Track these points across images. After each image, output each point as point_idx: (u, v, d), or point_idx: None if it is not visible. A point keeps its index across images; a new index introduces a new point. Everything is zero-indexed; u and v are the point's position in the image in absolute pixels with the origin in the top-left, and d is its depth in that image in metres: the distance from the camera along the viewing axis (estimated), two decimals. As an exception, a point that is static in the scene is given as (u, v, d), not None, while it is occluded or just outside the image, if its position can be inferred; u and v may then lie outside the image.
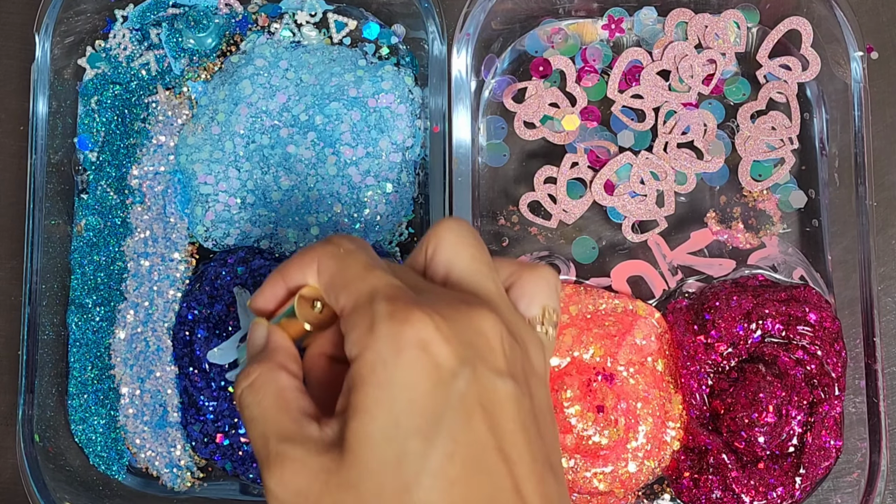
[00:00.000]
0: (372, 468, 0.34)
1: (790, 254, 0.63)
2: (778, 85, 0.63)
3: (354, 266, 0.38)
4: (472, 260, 0.39)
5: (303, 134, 0.62)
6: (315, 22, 0.65)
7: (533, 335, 0.40)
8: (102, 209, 0.63)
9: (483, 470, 0.35)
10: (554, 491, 0.37)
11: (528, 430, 0.36)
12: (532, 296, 0.41)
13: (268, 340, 0.41)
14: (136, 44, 0.65)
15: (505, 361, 0.36)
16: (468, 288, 0.39)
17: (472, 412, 0.35)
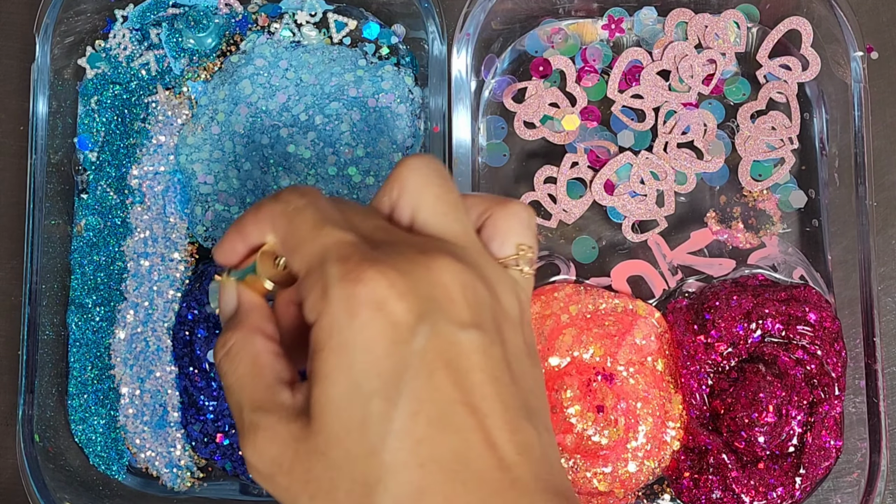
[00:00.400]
0: (337, 434, 0.34)
1: (790, 253, 0.63)
2: (778, 85, 0.63)
3: (304, 225, 0.37)
4: (437, 201, 0.38)
5: (303, 134, 0.62)
6: (315, 22, 0.65)
7: (505, 277, 0.38)
8: (102, 209, 0.63)
9: (450, 426, 0.34)
10: (533, 438, 0.36)
11: (498, 380, 0.35)
12: (505, 234, 0.39)
13: (239, 302, 0.40)
14: (136, 44, 0.65)
15: (469, 311, 0.35)
16: (433, 231, 0.38)
17: (435, 368, 0.34)
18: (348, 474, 0.34)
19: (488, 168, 0.64)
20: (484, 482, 0.34)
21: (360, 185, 0.61)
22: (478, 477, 0.34)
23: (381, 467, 0.34)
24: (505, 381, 0.35)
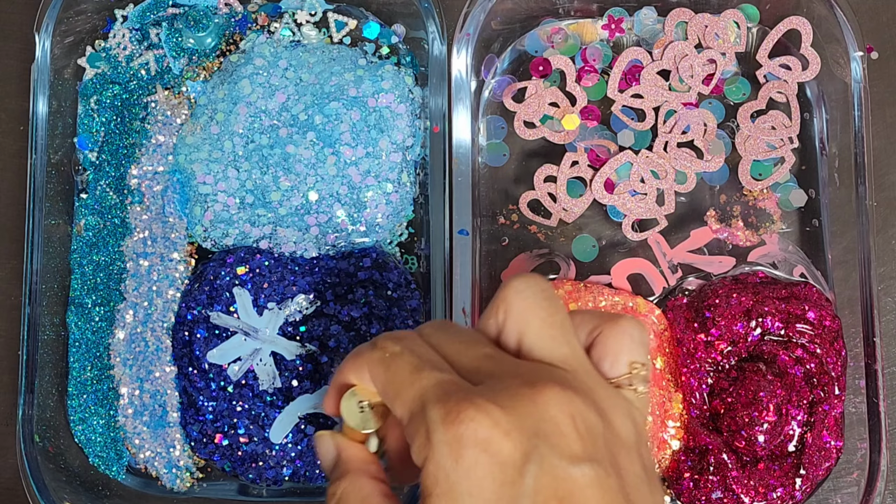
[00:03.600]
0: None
1: (790, 251, 0.63)
2: (778, 84, 0.63)
3: (402, 371, 0.37)
4: (543, 325, 0.37)
5: (302, 134, 0.62)
6: (315, 21, 0.65)
7: (618, 400, 0.37)
8: (102, 209, 0.63)
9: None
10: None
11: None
12: (616, 353, 0.38)
13: (338, 452, 0.40)
14: (136, 43, 0.65)
15: (580, 443, 0.34)
16: (541, 356, 0.37)
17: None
18: None
19: (488, 168, 0.64)
20: None
21: (360, 185, 0.61)
22: None
23: None
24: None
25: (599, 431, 0.35)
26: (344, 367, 0.40)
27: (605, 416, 0.35)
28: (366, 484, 0.39)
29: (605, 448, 0.35)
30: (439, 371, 0.36)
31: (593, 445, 0.34)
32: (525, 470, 0.33)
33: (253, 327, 0.60)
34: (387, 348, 0.38)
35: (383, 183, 0.62)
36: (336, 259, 0.62)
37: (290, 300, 0.61)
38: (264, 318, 0.60)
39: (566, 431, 0.34)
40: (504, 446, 0.33)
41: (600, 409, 0.35)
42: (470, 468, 0.33)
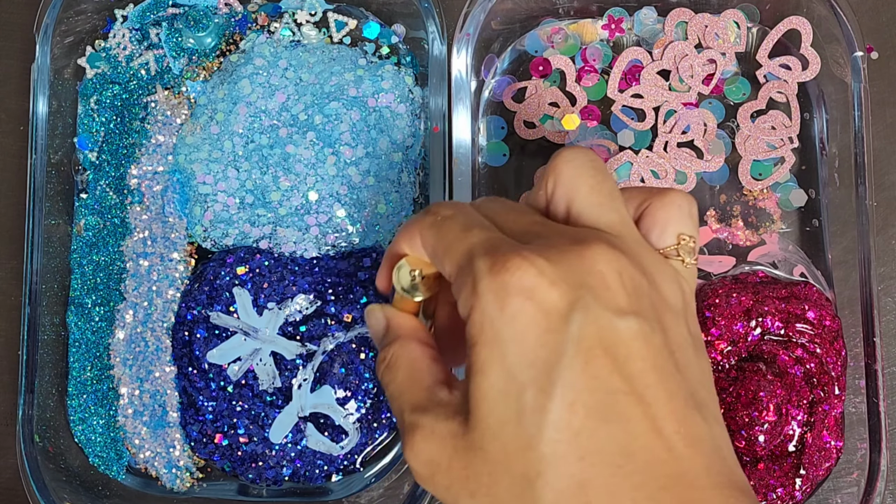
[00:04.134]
0: (493, 428, 0.33)
1: (790, 251, 0.63)
2: (778, 84, 0.63)
3: (452, 230, 0.37)
4: (592, 192, 0.37)
5: (302, 134, 0.62)
6: (315, 21, 0.65)
7: (666, 267, 0.37)
8: (102, 209, 0.63)
9: (611, 416, 0.32)
10: (703, 430, 0.34)
11: (662, 369, 0.33)
12: (664, 224, 0.38)
13: (388, 322, 0.41)
14: (136, 44, 0.65)
15: (626, 298, 0.34)
16: (589, 222, 0.37)
17: (592, 356, 0.33)
18: (507, 469, 0.33)
19: (488, 168, 0.64)
20: (651, 475, 0.33)
21: (359, 185, 0.61)
22: (644, 469, 0.32)
23: (539, 461, 0.33)
24: (669, 370, 0.34)
25: (645, 291, 0.35)
26: (397, 237, 0.41)
27: (652, 280, 0.36)
28: (415, 347, 0.39)
29: (651, 308, 0.35)
30: (489, 230, 0.36)
31: (639, 301, 0.34)
32: (570, 318, 0.33)
33: (253, 327, 0.60)
34: (439, 213, 0.38)
35: (383, 183, 0.62)
36: (336, 259, 0.62)
37: (290, 300, 0.61)
38: (264, 317, 0.60)
39: (612, 286, 0.34)
40: (550, 295, 0.33)
41: (647, 272, 0.36)
42: (515, 315, 0.33)
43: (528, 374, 0.33)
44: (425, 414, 0.36)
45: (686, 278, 0.38)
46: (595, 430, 0.32)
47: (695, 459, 0.33)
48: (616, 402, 0.33)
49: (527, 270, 0.33)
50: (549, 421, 0.32)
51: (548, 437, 0.32)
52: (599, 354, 0.33)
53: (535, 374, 0.33)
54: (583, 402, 0.32)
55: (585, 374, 0.33)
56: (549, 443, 0.32)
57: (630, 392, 0.33)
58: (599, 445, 0.32)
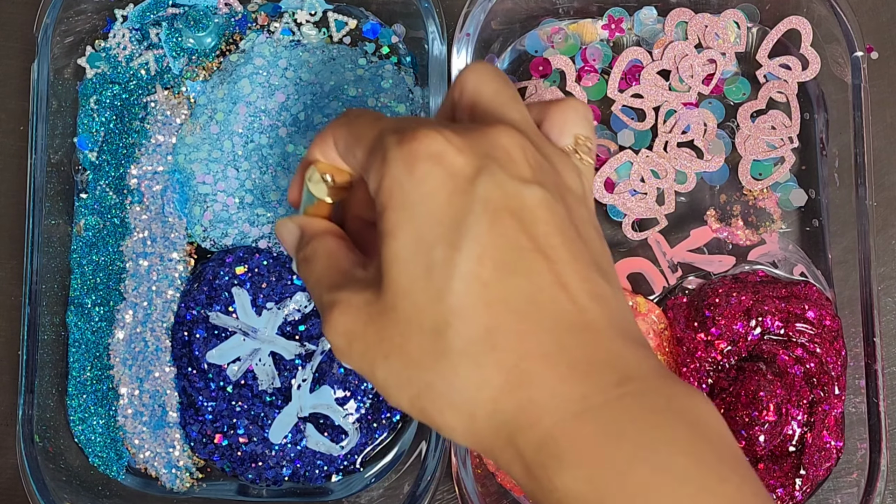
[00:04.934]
0: (404, 286, 0.34)
1: (790, 250, 0.63)
2: (778, 84, 0.63)
3: (363, 122, 0.38)
4: (495, 95, 0.39)
5: (302, 133, 0.62)
6: (315, 21, 0.65)
7: (565, 158, 0.39)
8: (101, 209, 0.63)
9: (517, 269, 0.34)
10: (606, 290, 0.35)
11: (565, 234, 0.35)
12: (562, 125, 0.40)
13: (301, 228, 0.42)
14: (136, 43, 0.65)
15: (530, 170, 0.35)
16: (493, 118, 0.38)
17: (498, 216, 0.34)
18: (417, 324, 0.34)
19: (488, 168, 0.64)
20: (557, 321, 0.34)
21: (359, 184, 0.61)
22: (550, 317, 0.34)
23: (448, 311, 0.34)
24: (572, 237, 0.35)
25: (548, 170, 0.37)
26: (310, 146, 0.42)
27: (553, 165, 0.37)
28: (331, 240, 0.40)
29: (554, 185, 0.36)
30: (396, 120, 0.38)
31: (542, 175, 0.36)
32: (476, 181, 0.34)
33: (252, 327, 0.60)
34: (349, 113, 0.40)
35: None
36: (336, 259, 0.62)
37: (289, 299, 0.61)
38: (263, 317, 0.60)
39: (517, 158, 0.36)
40: (456, 160, 0.35)
41: (548, 158, 0.37)
42: (423, 178, 0.34)
43: (436, 231, 0.34)
44: (341, 290, 0.37)
45: (585, 174, 0.39)
46: (502, 281, 0.34)
47: (599, 312, 0.34)
48: (522, 257, 0.34)
49: (434, 138, 0.35)
50: (457, 273, 0.34)
51: (456, 289, 0.33)
52: (505, 216, 0.34)
53: (443, 231, 0.34)
54: (490, 255, 0.34)
55: (492, 232, 0.34)
56: (458, 294, 0.33)
57: (536, 250, 0.34)
58: (506, 295, 0.34)
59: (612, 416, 0.33)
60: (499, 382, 0.33)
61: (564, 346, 0.34)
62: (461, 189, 0.34)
